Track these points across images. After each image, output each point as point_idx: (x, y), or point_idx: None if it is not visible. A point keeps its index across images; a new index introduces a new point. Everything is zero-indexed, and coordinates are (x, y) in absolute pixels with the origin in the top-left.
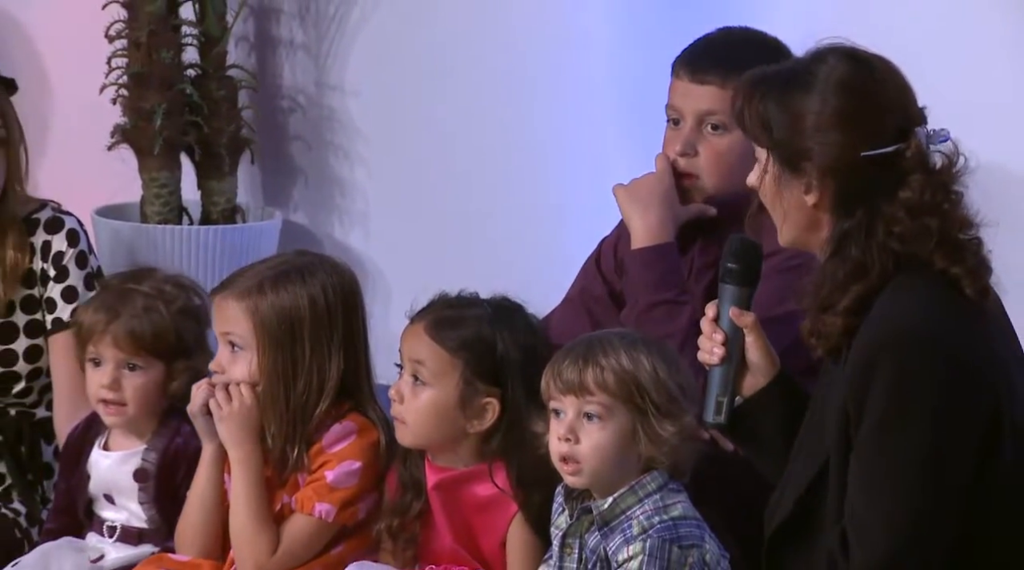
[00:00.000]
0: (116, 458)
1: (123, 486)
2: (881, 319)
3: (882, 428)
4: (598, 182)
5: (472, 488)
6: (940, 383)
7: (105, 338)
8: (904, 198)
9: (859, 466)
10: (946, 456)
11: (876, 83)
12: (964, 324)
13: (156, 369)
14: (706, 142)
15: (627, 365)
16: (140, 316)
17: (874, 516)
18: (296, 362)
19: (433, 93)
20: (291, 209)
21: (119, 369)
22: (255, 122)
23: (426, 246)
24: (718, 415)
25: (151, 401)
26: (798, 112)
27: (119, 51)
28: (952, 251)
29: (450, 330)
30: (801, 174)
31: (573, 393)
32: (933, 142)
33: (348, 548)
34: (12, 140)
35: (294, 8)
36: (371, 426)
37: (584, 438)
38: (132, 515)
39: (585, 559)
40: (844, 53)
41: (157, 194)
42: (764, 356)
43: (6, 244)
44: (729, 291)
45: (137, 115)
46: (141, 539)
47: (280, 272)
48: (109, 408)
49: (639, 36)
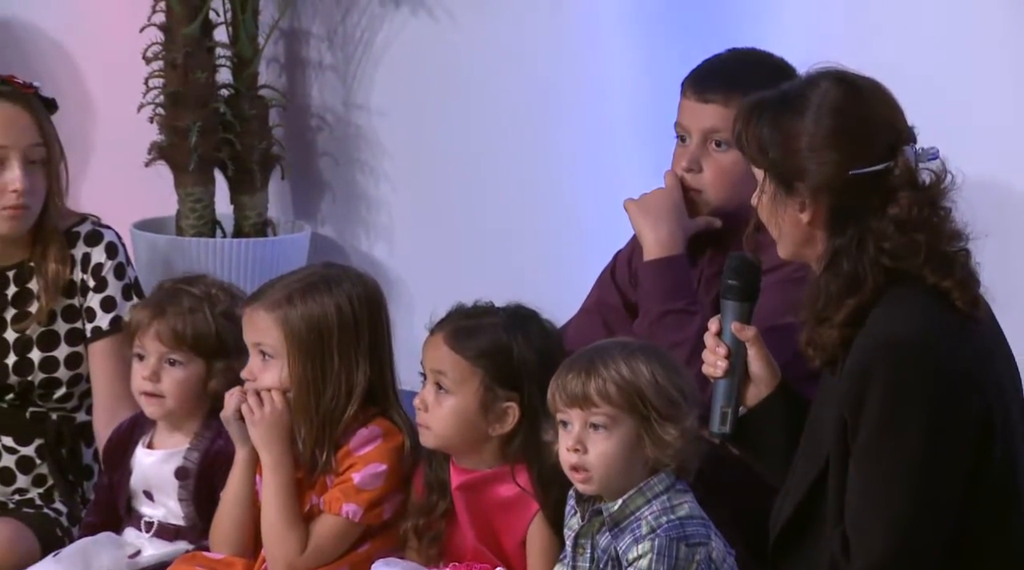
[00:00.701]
0: (159, 456)
1: (164, 483)
2: (875, 331)
3: (879, 436)
4: (612, 197)
5: (495, 489)
6: (933, 392)
7: (149, 332)
8: (893, 214)
9: (857, 472)
10: (940, 461)
11: (865, 105)
12: (955, 334)
13: (196, 366)
14: (711, 158)
15: (627, 375)
16: (184, 314)
17: (873, 519)
18: (325, 369)
19: (455, 113)
20: (319, 223)
21: (160, 363)
22: (285, 139)
23: (447, 258)
24: (723, 425)
25: (190, 397)
26: (791, 134)
27: (156, 72)
28: (941, 265)
29: (468, 339)
30: (795, 193)
31: (578, 405)
32: (922, 159)
33: (374, 546)
34: (53, 158)
35: (322, 31)
36: (396, 430)
37: (592, 447)
38: (170, 512)
39: (597, 558)
40: (835, 77)
41: (192, 208)
42: (766, 367)
43: (48, 256)
44: (731, 306)
45: (173, 133)
46: (177, 536)
47: (309, 284)
48: (149, 399)
49: (651, 58)
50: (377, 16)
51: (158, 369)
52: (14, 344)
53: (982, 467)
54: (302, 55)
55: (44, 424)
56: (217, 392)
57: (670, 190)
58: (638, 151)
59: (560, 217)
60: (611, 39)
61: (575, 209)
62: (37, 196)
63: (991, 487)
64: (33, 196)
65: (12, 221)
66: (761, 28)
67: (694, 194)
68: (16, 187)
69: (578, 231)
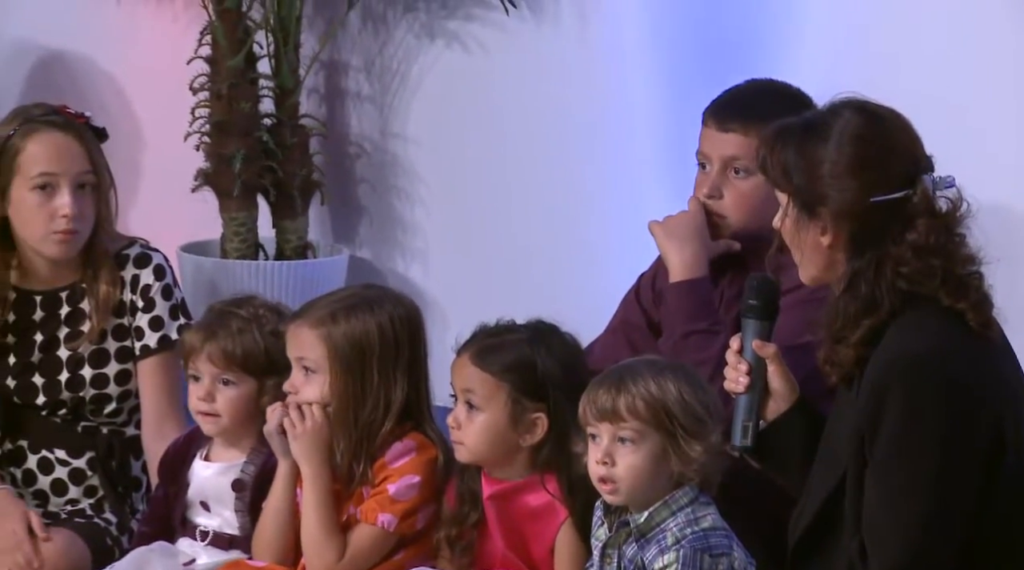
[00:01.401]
0: (217, 468)
1: (221, 494)
2: (891, 349)
3: (896, 449)
4: (635, 221)
5: (524, 498)
6: (947, 408)
7: (202, 355)
8: (911, 240)
9: (875, 483)
10: (953, 473)
11: (886, 135)
12: (968, 352)
13: (248, 384)
14: (731, 185)
15: (655, 392)
16: (234, 336)
17: (889, 528)
18: (364, 385)
19: (487, 141)
20: (357, 246)
21: (214, 383)
22: (325, 167)
23: (479, 279)
24: (744, 439)
25: (243, 414)
26: (815, 161)
27: (202, 102)
28: (956, 288)
29: (493, 356)
30: (818, 218)
31: (607, 420)
32: (939, 188)
33: (407, 555)
34: (102, 185)
35: (360, 63)
36: (430, 444)
37: (619, 460)
38: (225, 522)
39: (623, 568)
40: (857, 106)
41: (236, 232)
42: (785, 383)
43: (99, 278)
44: (751, 325)
45: (218, 160)
46: (231, 545)
47: (351, 303)
48: (205, 418)
49: (674, 88)
50: (413, 49)
51: (212, 389)
52: (67, 362)
53: (995, 479)
54: (341, 86)
55: (95, 438)
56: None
57: (694, 214)
58: (661, 177)
59: (586, 239)
60: (635, 70)
61: (600, 232)
62: (87, 221)
63: (1004, 498)
64: (82, 221)
65: (63, 245)
66: (779, 59)
67: (717, 219)
68: (66, 212)
69: (603, 252)
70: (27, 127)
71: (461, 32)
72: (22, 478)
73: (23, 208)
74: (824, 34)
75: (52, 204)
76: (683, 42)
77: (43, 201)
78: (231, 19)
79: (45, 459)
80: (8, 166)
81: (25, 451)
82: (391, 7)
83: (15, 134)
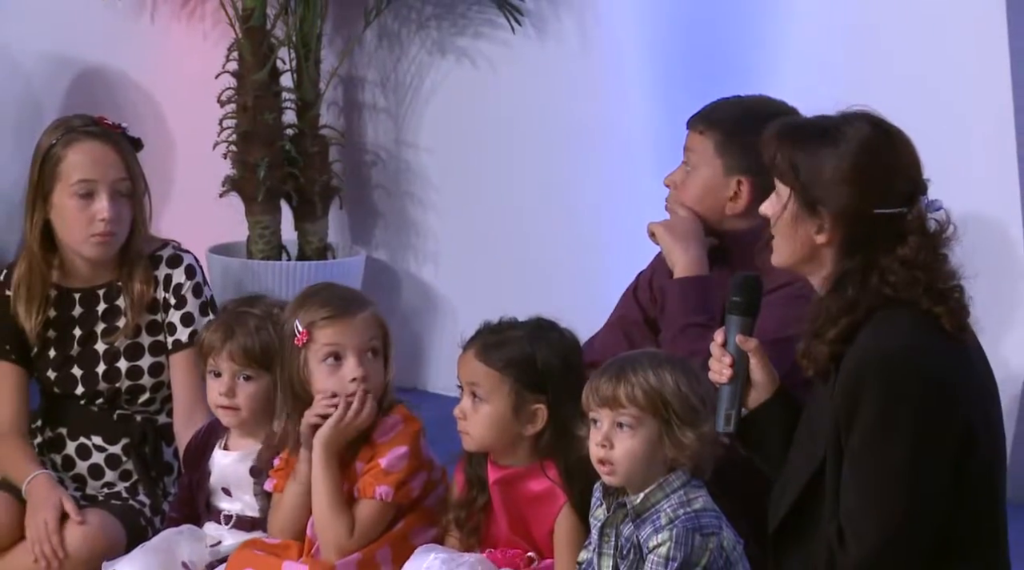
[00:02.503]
0: (235, 456)
1: (240, 481)
2: (867, 346)
3: (872, 439)
4: (633, 223)
5: (527, 484)
6: (919, 402)
7: (223, 353)
8: (901, 254)
9: (852, 472)
10: (926, 461)
11: (893, 151)
12: (941, 351)
13: (265, 379)
14: (686, 175)
15: (654, 382)
16: (252, 334)
17: (866, 513)
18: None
19: (494, 150)
20: (373, 247)
21: (234, 379)
22: (343, 174)
23: (487, 279)
24: (727, 425)
25: (261, 406)
26: (823, 163)
27: (229, 114)
28: (936, 296)
29: (496, 352)
30: (816, 216)
31: (608, 406)
32: (930, 210)
33: (407, 524)
34: (137, 191)
35: (376, 78)
36: (412, 416)
37: (617, 444)
38: (246, 506)
39: (620, 546)
40: (870, 119)
41: (261, 234)
42: (766, 375)
43: (134, 277)
44: (735, 320)
45: (244, 168)
46: (253, 526)
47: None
48: (226, 411)
49: (666, 100)
50: (425, 64)
51: (232, 385)
52: (103, 355)
53: (966, 473)
54: (358, 98)
55: (130, 425)
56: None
57: (692, 217)
58: (657, 181)
59: (585, 240)
60: (632, 83)
61: (599, 233)
62: (123, 224)
63: (974, 491)
64: (119, 224)
65: (100, 246)
66: (764, 71)
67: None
68: (103, 216)
69: (602, 252)
70: (68, 137)
71: (470, 48)
72: (62, 463)
73: (64, 212)
74: (806, 52)
75: (91, 209)
76: (676, 57)
77: (83, 206)
78: (256, 36)
79: (83, 445)
80: (50, 173)
81: (65, 438)
82: (405, 25)
83: (57, 143)
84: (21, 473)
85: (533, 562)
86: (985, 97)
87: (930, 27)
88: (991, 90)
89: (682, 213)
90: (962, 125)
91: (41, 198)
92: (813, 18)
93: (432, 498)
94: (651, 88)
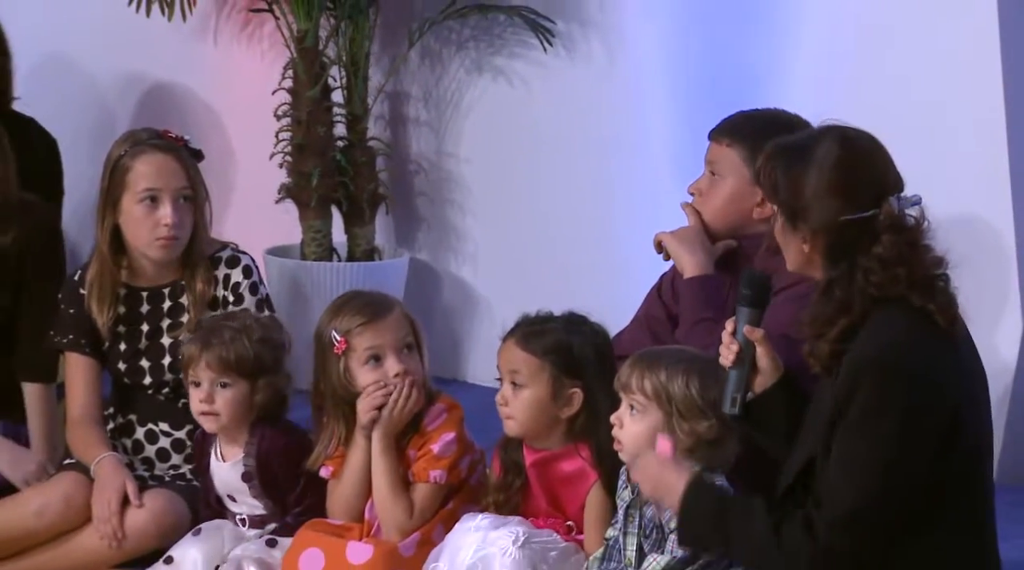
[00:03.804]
0: (227, 466)
1: (238, 487)
2: (864, 348)
3: (860, 422)
4: (652, 228)
5: (560, 465)
6: (907, 397)
7: (200, 363)
8: (877, 253)
9: (838, 448)
10: (906, 447)
11: (859, 162)
12: (931, 348)
13: (242, 386)
14: (709, 184)
15: (663, 378)
16: (227, 344)
17: (844, 480)
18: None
19: (527, 159)
20: (416, 249)
21: (213, 387)
22: (389, 182)
23: (521, 278)
24: (733, 407)
25: (240, 412)
26: (798, 182)
27: (285, 127)
28: (924, 290)
29: (536, 341)
30: (799, 229)
31: (624, 391)
32: (906, 206)
33: (457, 503)
34: (199, 198)
35: (419, 94)
36: (455, 403)
37: (626, 425)
38: (251, 507)
39: (644, 526)
40: (838, 135)
41: (313, 238)
42: (770, 363)
43: (196, 277)
44: (743, 312)
45: (298, 176)
46: (264, 523)
47: None
48: (206, 417)
49: (684, 115)
50: (464, 82)
51: (211, 392)
52: (169, 348)
53: (954, 451)
54: (403, 113)
55: (188, 415)
56: (264, 404)
57: (695, 224)
58: (675, 188)
59: (609, 242)
60: (653, 99)
61: (623, 236)
62: (185, 229)
63: (962, 469)
64: (182, 229)
65: (164, 249)
66: (773, 88)
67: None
68: (168, 222)
69: (626, 254)
70: (135, 149)
71: (505, 67)
72: (132, 447)
73: (131, 218)
74: (811, 70)
75: (156, 214)
76: (693, 76)
77: (148, 212)
78: (310, 56)
79: (151, 431)
80: (120, 182)
81: (134, 424)
82: (446, 46)
83: (125, 155)
84: (91, 455)
85: (571, 530)
86: (977, 93)
87: (924, 32)
88: (983, 87)
89: (691, 220)
90: (954, 122)
91: (111, 204)
92: (818, 39)
93: (476, 477)
94: (670, 103)
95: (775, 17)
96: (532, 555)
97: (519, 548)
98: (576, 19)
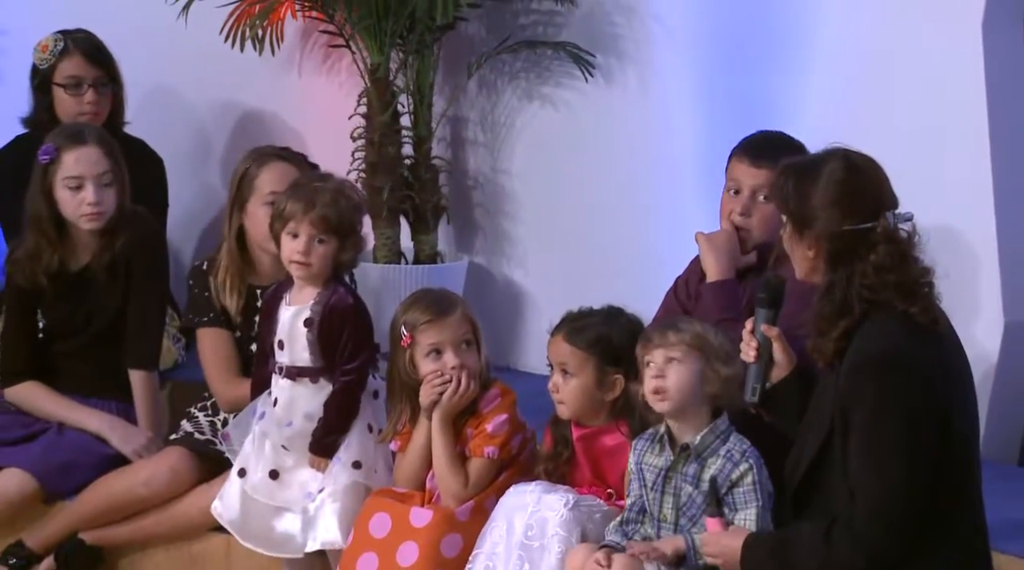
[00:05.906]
0: (292, 310)
1: (294, 333)
2: (862, 349)
3: (872, 419)
4: (682, 235)
5: (602, 439)
6: (907, 391)
7: (305, 220)
8: (873, 260)
9: (857, 444)
10: (916, 434)
11: (860, 181)
12: (920, 345)
13: (334, 243)
14: (758, 208)
15: (699, 329)
16: (328, 205)
17: (870, 474)
18: None
19: (571, 175)
20: (474, 254)
21: (311, 242)
22: (450, 195)
23: (566, 278)
24: (753, 396)
25: (327, 265)
26: (806, 196)
27: (359, 147)
28: (907, 296)
29: (581, 335)
30: (805, 237)
31: (663, 346)
32: (900, 221)
33: (508, 475)
34: None
35: (477, 118)
36: (508, 389)
37: (670, 374)
38: (295, 358)
39: (680, 485)
40: (842, 156)
41: (384, 243)
42: (785, 357)
43: None
44: (761, 312)
45: (371, 191)
46: (299, 375)
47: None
48: (299, 266)
49: (710, 136)
50: (516, 108)
51: (309, 246)
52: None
53: (946, 440)
54: (463, 135)
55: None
56: (349, 262)
57: (730, 234)
58: (701, 201)
59: (642, 246)
60: (681, 123)
61: (653, 241)
62: None
63: (954, 456)
64: None
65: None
66: (789, 112)
67: (743, 234)
68: None
69: (655, 257)
70: (260, 160)
71: (552, 95)
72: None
73: (256, 219)
74: (821, 95)
75: None
76: (717, 101)
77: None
78: (381, 86)
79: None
80: (247, 187)
81: None
82: (500, 76)
83: (252, 165)
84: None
85: (611, 497)
86: (962, 108)
87: (917, 62)
88: (967, 101)
89: (724, 224)
90: (941, 134)
91: (238, 208)
92: (830, 65)
93: (525, 454)
94: (695, 126)
95: (789, 50)
96: (580, 516)
97: (570, 510)
98: (614, 53)
